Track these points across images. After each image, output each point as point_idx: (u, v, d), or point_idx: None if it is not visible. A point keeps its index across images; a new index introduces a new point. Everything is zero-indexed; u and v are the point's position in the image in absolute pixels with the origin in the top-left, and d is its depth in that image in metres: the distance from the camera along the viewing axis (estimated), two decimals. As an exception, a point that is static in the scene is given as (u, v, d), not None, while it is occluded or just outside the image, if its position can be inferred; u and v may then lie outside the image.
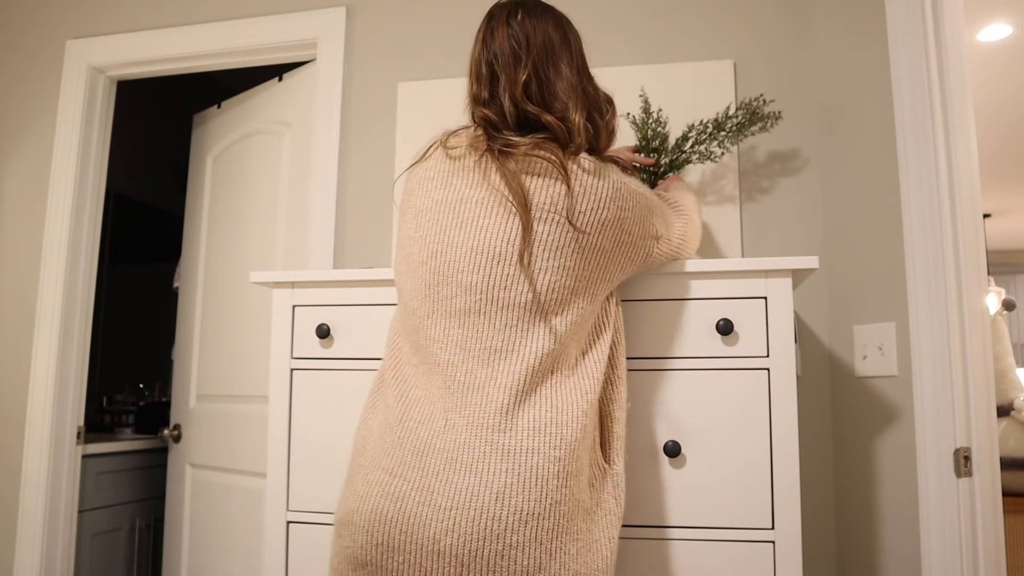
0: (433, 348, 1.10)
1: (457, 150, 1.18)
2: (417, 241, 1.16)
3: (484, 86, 1.20)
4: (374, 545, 1.01)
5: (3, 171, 2.49)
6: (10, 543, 2.27)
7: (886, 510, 1.55)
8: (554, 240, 1.09)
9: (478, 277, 1.08)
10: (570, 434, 1.03)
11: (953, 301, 1.37)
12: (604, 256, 1.13)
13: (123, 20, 2.44)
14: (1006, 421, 2.83)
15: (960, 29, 1.46)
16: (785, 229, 1.90)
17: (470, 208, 1.12)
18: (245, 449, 2.29)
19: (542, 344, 1.07)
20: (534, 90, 1.16)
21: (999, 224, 6.06)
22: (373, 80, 2.20)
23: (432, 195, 1.17)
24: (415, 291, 1.14)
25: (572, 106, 1.16)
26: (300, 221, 2.26)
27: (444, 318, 1.10)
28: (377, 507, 1.02)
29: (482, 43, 1.22)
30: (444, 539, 0.97)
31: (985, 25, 2.89)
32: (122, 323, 3.44)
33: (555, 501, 0.99)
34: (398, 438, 1.06)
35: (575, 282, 1.10)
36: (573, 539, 1.01)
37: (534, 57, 1.17)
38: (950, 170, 1.40)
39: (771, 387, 1.28)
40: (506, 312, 1.08)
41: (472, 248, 1.10)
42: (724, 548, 1.26)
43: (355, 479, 1.09)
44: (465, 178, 1.15)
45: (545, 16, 1.22)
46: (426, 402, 1.08)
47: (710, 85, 1.96)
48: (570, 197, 1.09)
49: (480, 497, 0.98)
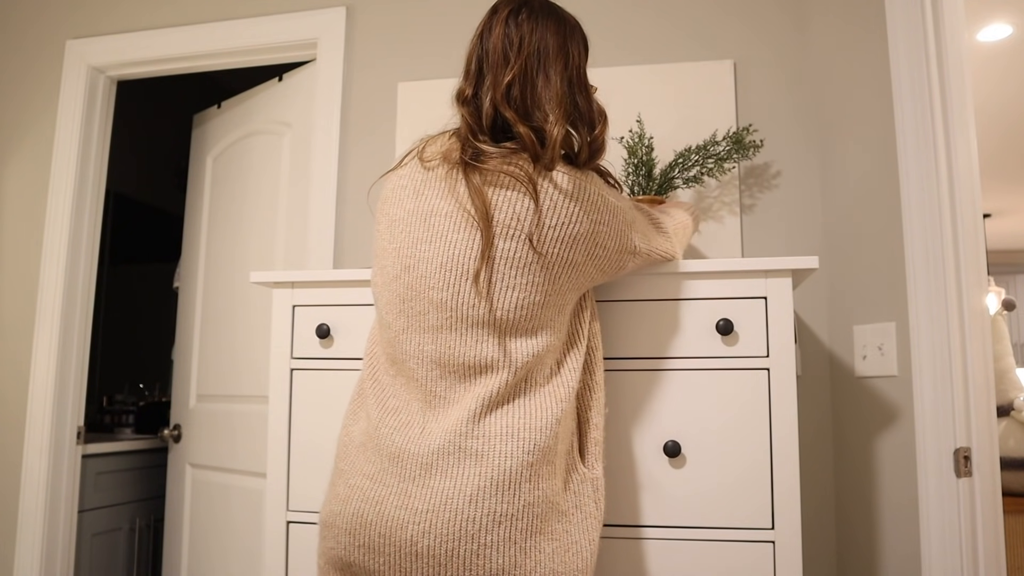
0: (410, 363, 1.11)
1: (432, 161, 1.16)
2: (391, 253, 1.15)
3: (470, 83, 1.17)
4: (356, 547, 1.04)
5: (3, 171, 2.49)
6: (10, 543, 2.27)
7: (886, 510, 1.55)
8: (520, 256, 1.06)
9: (448, 294, 1.08)
10: (542, 439, 1.04)
11: (953, 301, 1.37)
12: (575, 269, 1.11)
13: (123, 20, 2.44)
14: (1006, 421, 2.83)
15: (960, 29, 1.46)
16: (785, 229, 1.90)
17: (439, 221, 1.10)
18: (245, 449, 2.29)
19: (515, 359, 1.07)
20: (515, 95, 1.12)
21: (999, 224, 6.06)
22: (373, 80, 2.20)
23: (404, 205, 1.15)
24: (390, 304, 1.14)
25: (553, 118, 1.11)
26: (300, 221, 2.26)
27: (418, 334, 1.10)
28: (358, 510, 1.05)
29: (478, 38, 1.19)
30: (421, 540, 1.00)
31: (985, 25, 2.89)
32: (122, 323, 3.44)
33: (527, 503, 1.02)
34: (376, 446, 1.09)
35: (544, 297, 1.09)
36: (549, 539, 1.03)
37: (523, 60, 1.13)
38: (950, 170, 1.40)
39: (771, 387, 1.28)
40: (476, 329, 1.07)
41: (441, 264, 1.08)
42: (724, 548, 1.27)
43: (337, 483, 1.11)
44: (436, 189, 1.13)
45: (548, 20, 1.17)
46: (404, 411, 1.10)
47: (710, 85, 1.96)
48: (537, 213, 1.06)
49: (454, 500, 1.00)
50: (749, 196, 1.92)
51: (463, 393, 1.07)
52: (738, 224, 1.90)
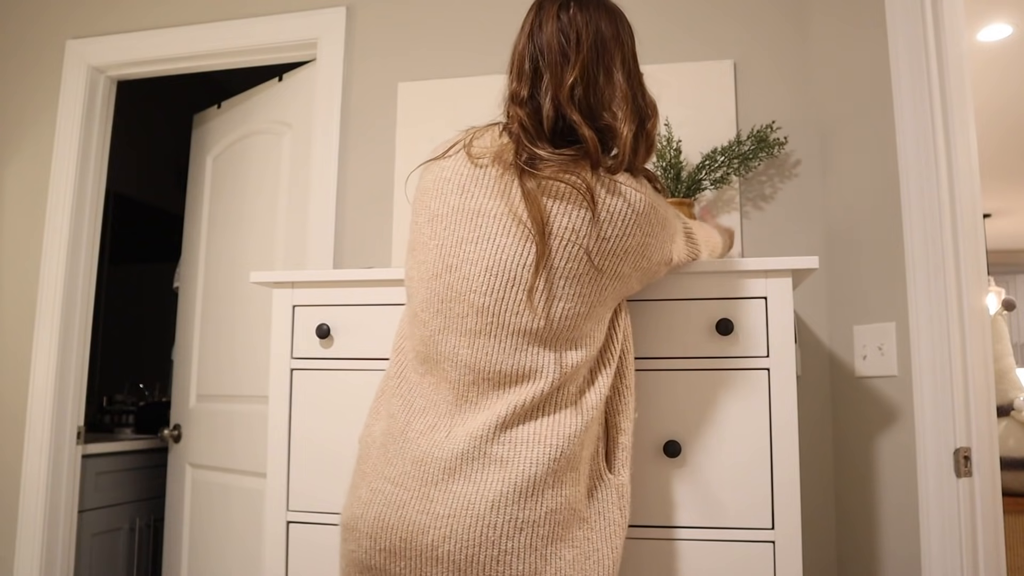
0: (444, 365, 1.08)
1: (482, 159, 1.11)
2: (432, 250, 1.11)
3: (524, 83, 1.11)
4: (378, 550, 1.03)
5: (3, 171, 2.49)
6: (10, 543, 2.27)
7: (886, 510, 1.55)
8: (572, 268, 1.04)
9: (490, 300, 1.05)
10: (569, 446, 1.03)
11: (953, 301, 1.37)
12: (620, 281, 1.09)
13: (123, 20, 2.44)
14: (1006, 421, 2.82)
15: (960, 29, 1.46)
16: (785, 229, 1.90)
17: (487, 222, 1.07)
18: (245, 449, 2.29)
19: (553, 370, 1.05)
20: (579, 95, 1.07)
21: (999, 224, 6.06)
22: (373, 80, 2.20)
23: (448, 200, 1.11)
24: (427, 303, 1.10)
25: (622, 115, 1.08)
26: (300, 221, 2.26)
27: (455, 336, 1.07)
28: (380, 514, 1.04)
29: (528, 35, 1.12)
30: (442, 545, 0.99)
31: (985, 25, 2.89)
32: (122, 323, 3.44)
33: (550, 510, 1.01)
34: (400, 448, 1.07)
35: (589, 308, 1.07)
36: (569, 546, 1.02)
37: (584, 57, 1.08)
38: (950, 170, 1.40)
39: (771, 387, 1.28)
40: (516, 337, 1.05)
41: (487, 268, 1.05)
42: (724, 548, 1.26)
43: (359, 485, 1.10)
44: (485, 188, 1.09)
45: (599, 10, 1.12)
46: (431, 413, 1.08)
47: (710, 85, 1.96)
48: (595, 225, 1.03)
49: (476, 505, 0.99)
50: (749, 196, 1.92)
51: (495, 400, 1.05)
52: (738, 224, 1.90)
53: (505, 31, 2.13)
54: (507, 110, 1.14)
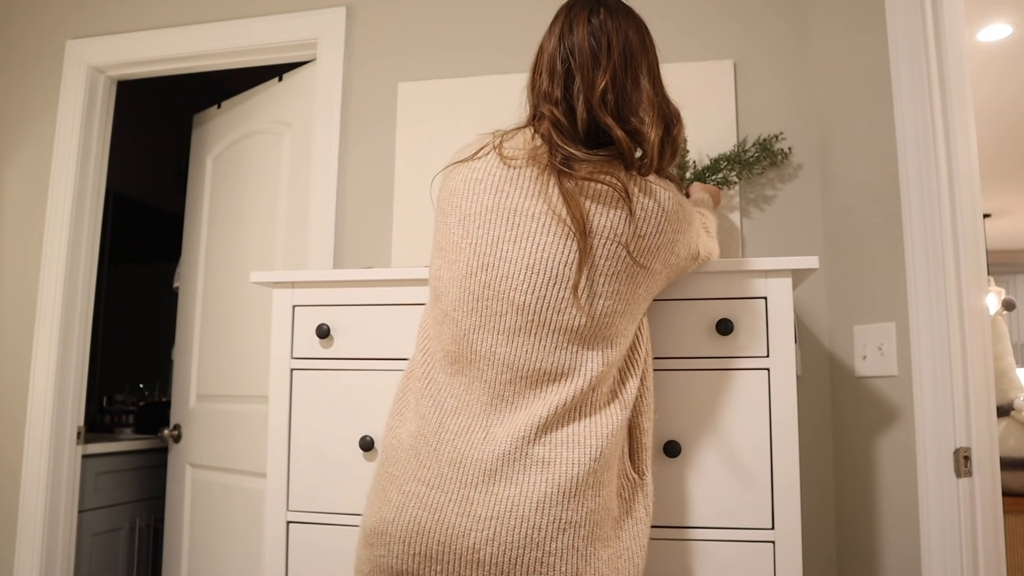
0: (480, 363, 1.08)
1: (516, 160, 1.12)
2: (465, 249, 1.11)
3: (557, 84, 1.13)
4: (411, 555, 1.01)
5: (3, 171, 2.49)
6: (10, 543, 2.27)
7: (886, 510, 1.55)
8: (611, 266, 1.06)
9: (532, 298, 1.05)
10: (607, 446, 1.04)
11: (953, 301, 1.37)
12: (653, 278, 1.11)
13: (123, 20, 2.44)
14: (1006, 421, 2.83)
15: (960, 29, 1.46)
16: (785, 229, 1.90)
17: (525, 221, 1.08)
18: (245, 449, 2.29)
19: (591, 367, 1.06)
20: (610, 99, 1.10)
21: (999, 224, 6.06)
22: (373, 80, 2.20)
23: (481, 200, 1.11)
24: (460, 301, 1.10)
25: (650, 120, 1.11)
26: (300, 221, 2.26)
27: (492, 334, 1.07)
28: (415, 518, 1.02)
29: (558, 37, 1.15)
30: (484, 548, 0.98)
31: (985, 25, 2.89)
32: (122, 323, 3.44)
33: (590, 510, 1.01)
34: (434, 450, 1.05)
35: (625, 306, 1.09)
36: (604, 545, 1.03)
37: (615, 62, 1.11)
38: (950, 170, 1.40)
39: (771, 387, 1.28)
40: (556, 335, 1.06)
41: (528, 266, 1.06)
42: (724, 548, 1.26)
43: (388, 489, 1.07)
44: (521, 188, 1.10)
45: (627, 18, 1.16)
46: (463, 414, 1.07)
47: (710, 85, 1.96)
48: (632, 223, 1.06)
49: (520, 507, 0.99)
50: (749, 196, 1.92)
51: (533, 400, 1.05)
52: (738, 224, 1.90)
53: (505, 31, 2.13)
54: (536, 107, 1.17)
